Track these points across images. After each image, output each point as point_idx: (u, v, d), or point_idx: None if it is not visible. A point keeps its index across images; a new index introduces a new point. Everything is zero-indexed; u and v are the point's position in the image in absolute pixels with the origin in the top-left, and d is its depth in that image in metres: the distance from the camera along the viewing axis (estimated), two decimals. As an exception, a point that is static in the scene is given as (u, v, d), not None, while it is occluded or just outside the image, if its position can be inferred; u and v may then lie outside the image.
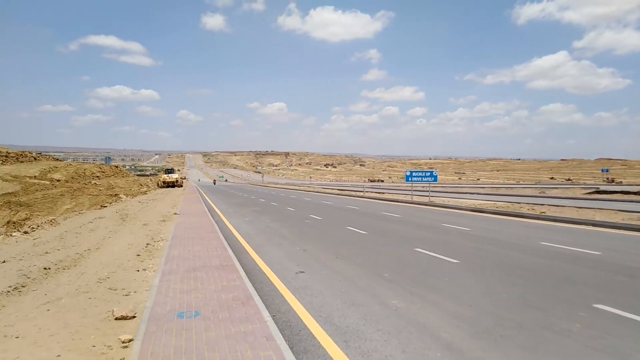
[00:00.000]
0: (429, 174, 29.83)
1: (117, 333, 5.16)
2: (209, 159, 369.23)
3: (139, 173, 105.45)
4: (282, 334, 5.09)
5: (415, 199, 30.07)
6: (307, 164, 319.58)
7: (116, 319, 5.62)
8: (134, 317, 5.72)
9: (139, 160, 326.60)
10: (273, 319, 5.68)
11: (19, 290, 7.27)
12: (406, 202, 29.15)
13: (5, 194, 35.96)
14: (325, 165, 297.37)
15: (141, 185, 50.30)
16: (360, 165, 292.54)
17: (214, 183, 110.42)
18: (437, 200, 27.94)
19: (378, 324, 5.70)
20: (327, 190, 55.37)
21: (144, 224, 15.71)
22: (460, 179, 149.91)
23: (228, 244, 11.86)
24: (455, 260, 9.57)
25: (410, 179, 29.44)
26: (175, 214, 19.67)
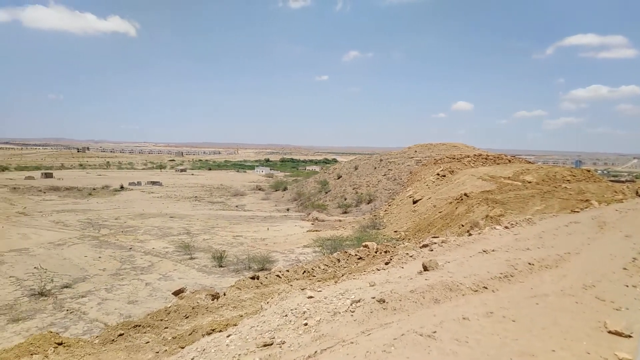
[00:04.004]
0: None
1: (611, 347, 4.85)
2: None
3: (612, 179, 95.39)
4: None
5: None
6: None
7: (609, 332, 5.29)
8: (630, 336, 5.19)
9: (612, 164, 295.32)
10: None
11: (508, 278, 8.12)
12: None
13: (484, 191, 41.34)
14: None
15: (615, 192, 45.22)
16: None
17: None
18: None
19: None
20: None
21: (626, 236, 14.01)
22: None
23: None
24: None
25: None
26: (666, 229, 16.43)
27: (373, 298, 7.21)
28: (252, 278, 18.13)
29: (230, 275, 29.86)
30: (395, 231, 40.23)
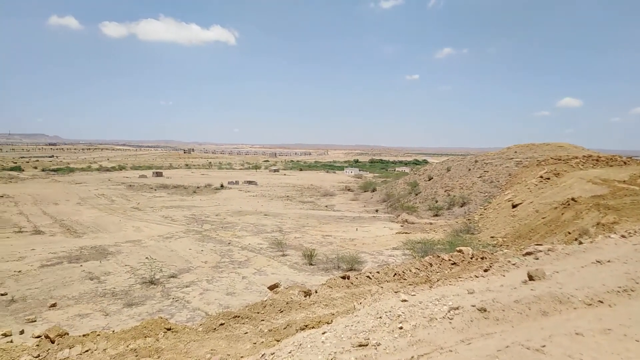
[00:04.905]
0: None
1: None
2: None
3: None
4: None
5: None
6: None
7: None
8: None
9: None
10: None
11: (628, 292, 7.31)
12: None
13: (594, 196, 37.59)
14: None
15: None
16: None
17: None
18: None
19: None
20: None
21: None
22: None
23: None
24: None
25: None
26: None
27: (473, 306, 6.91)
28: (343, 278, 18.31)
29: (319, 273, 30.47)
30: (492, 237, 38.13)
